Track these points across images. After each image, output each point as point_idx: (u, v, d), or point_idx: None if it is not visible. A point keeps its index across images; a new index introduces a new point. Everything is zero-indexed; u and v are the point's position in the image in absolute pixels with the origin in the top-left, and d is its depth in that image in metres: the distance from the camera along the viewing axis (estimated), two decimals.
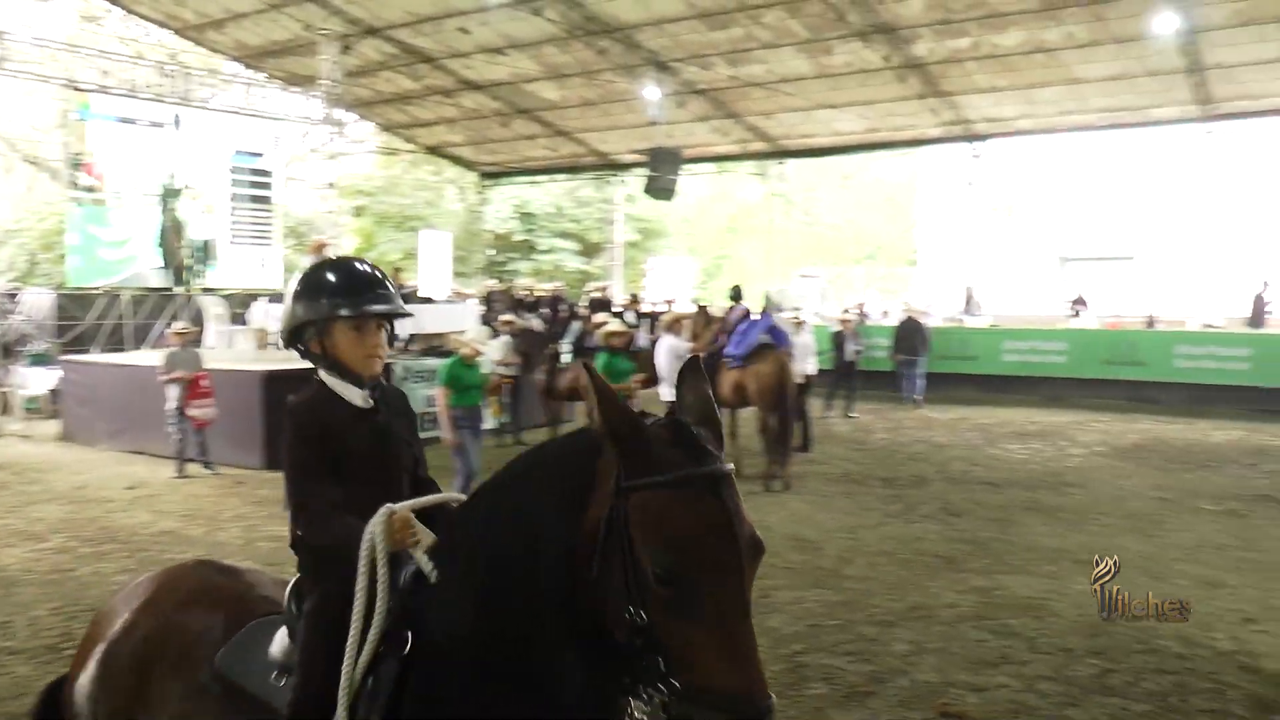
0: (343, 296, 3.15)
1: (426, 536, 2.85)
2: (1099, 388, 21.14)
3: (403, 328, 17.82)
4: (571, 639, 2.49)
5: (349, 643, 2.79)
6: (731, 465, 2.41)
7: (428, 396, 14.18)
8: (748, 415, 13.84)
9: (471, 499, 2.89)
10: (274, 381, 13.98)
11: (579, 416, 15.89)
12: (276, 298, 19.23)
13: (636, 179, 28.33)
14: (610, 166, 31.15)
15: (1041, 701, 6.08)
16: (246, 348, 17.36)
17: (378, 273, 3.30)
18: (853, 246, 38.31)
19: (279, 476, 12.89)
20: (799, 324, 16.25)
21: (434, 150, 31.89)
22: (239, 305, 21.13)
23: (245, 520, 11.18)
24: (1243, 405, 19.49)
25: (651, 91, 23.09)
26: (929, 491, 12.61)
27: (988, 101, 24.09)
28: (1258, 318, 22.51)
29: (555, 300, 24.29)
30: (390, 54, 23.62)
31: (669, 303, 24.87)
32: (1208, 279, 25.38)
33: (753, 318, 14.04)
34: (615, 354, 12.36)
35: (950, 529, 10.58)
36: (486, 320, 19.70)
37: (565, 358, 16.66)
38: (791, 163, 29.57)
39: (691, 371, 2.61)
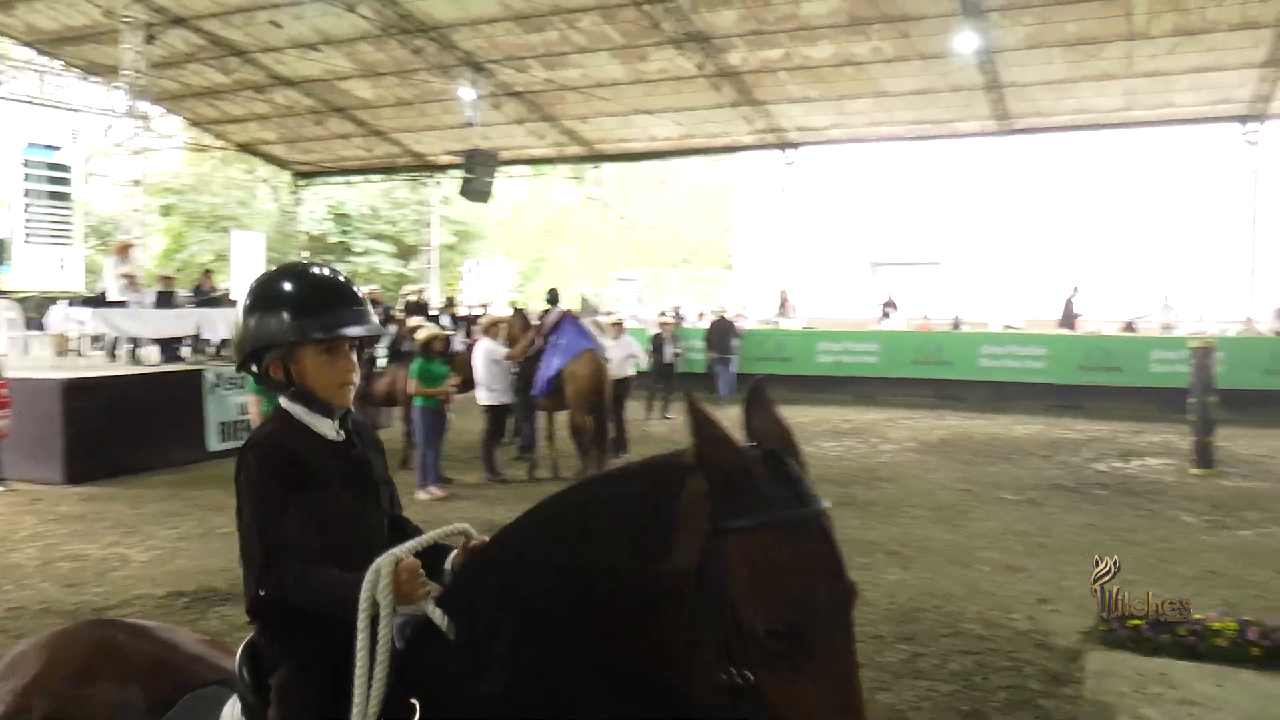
0: (312, 315, 2.69)
1: (433, 585, 2.45)
2: (908, 386, 21.98)
3: (213, 331, 17.28)
4: (628, 706, 2.15)
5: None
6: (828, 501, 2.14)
7: (240, 404, 13.78)
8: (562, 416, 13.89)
9: (502, 538, 2.44)
10: (75, 391, 13.35)
11: (396, 421, 15.66)
12: (78, 300, 18.39)
13: (453, 181, 28.22)
14: (426, 168, 30.93)
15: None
16: (44, 354, 16.52)
17: (348, 283, 2.85)
18: (669, 250, 38.80)
19: (83, 491, 12.45)
20: (617, 327, 16.35)
21: (246, 148, 31.02)
22: (35, 309, 20.08)
23: (43, 539, 10.51)
24: (1040, 401, 20.59)
25: (467, 92, 22.99)
26: None
27: (800, 111, 24.84)
28: (1068, 319, 23.83)
29: (370, 303, 23.81)
30: (198, 45, 22.82)
31: (485, 306, 24.75)
32: (1009, 283, 26.64)
33: (566, 322, 13.95)
34: (431, 358, 12.26)
35: None
36: None
37: (381, 362, 16.40)
38: (608, 167, 29.89)
39: (761, 396, 2.32)
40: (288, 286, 2.76)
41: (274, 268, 2.98)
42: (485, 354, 13.29)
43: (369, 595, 2.35)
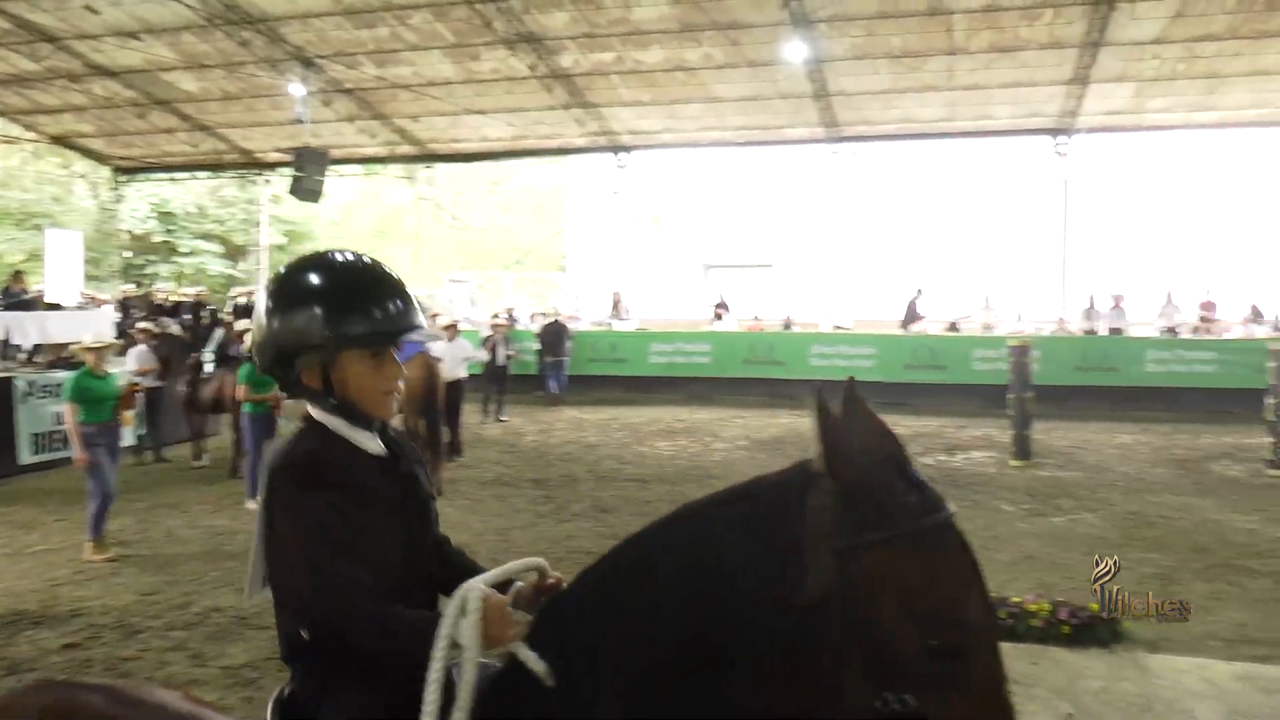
0: (359, 314, 2.36)
1: (521, 624, 2.20)
2: (741, 386, 22.37)
3: (24, 336, 16.43)
4: None
5: None
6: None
7: (56, 413, 13.12)
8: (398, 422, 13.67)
9: (599, 574, 2.18)
10: None
11: (224, 429, 15.19)
12: None
13: (282, 179, 27.39)
14: (255, 165, 29.96)
15: None
16: None
17: (395, 275, 2.50)
18: (502, 252, 38.53)
19: None
20: (450, 329, 16.18)
21: (60, 140, 29.38)
22: None
23: None
24: (869, 398, 20.54)
25: (297, 89, 22.39)
26: (580, 490, 12.90)
27: (632, 114, 25.00)
28: (911, 320, 24.66)
29: (197, 306, 23.08)
30: (4, 29, 21.50)
31: None
32: (839, 285, 27.33)
33: None
34: None
35: (601, 526, 10.84)
36: (122, 328, 18.49)
37: (208, 367, 15.89)
38: (440, 167, 29.51)
39: (854, 396, 2.11)
40: (328, 280, 2.42)
41: (305, 256, 2.56)
42: None
43: (448, 635, 2.07)
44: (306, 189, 23.95)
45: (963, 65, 21.54)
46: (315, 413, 2.41)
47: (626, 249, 29.11)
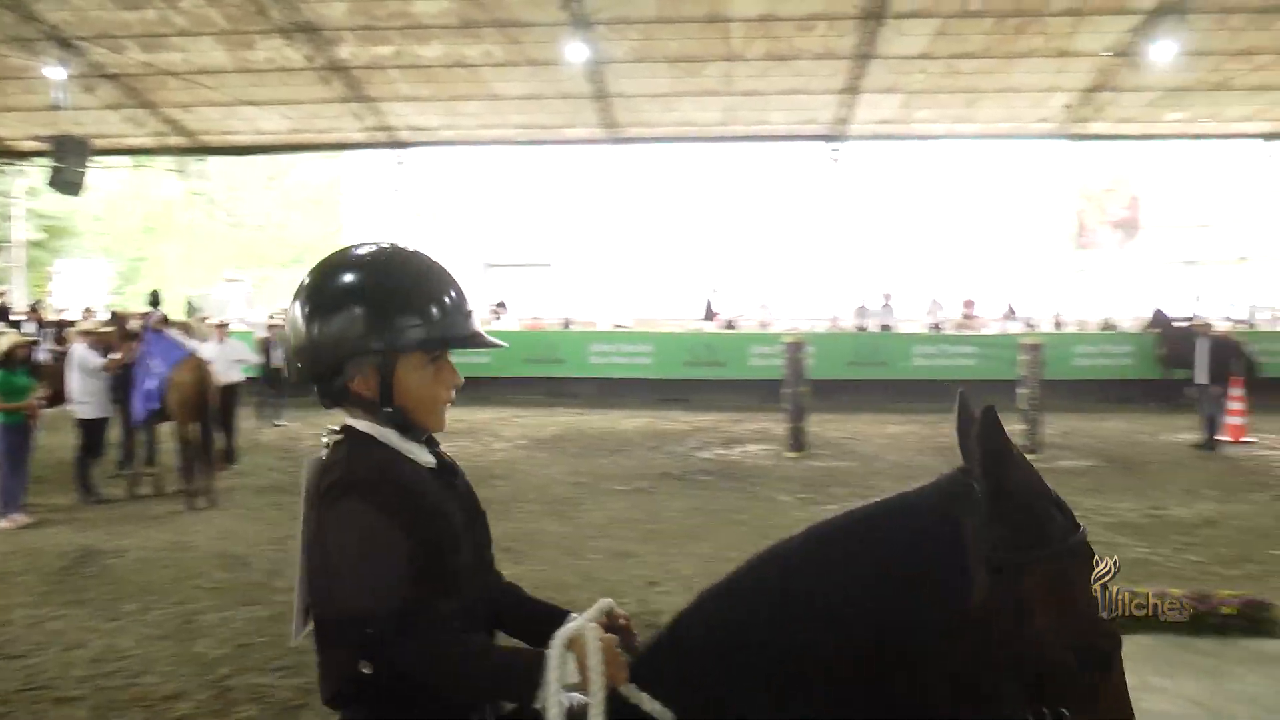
0: (423, 316, 2.14)
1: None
2: (521, 385, 22.27)
3: None
4: None
5: None
6: None
7: None
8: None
9: (724, 595, 2.09)
10: None
11: None
12: None
13: (39, 170, 25.74)
14: (7, 154, 28.03)
15: None
16: None
17: (452, 274, 2.27)
18: (278, 250, 37.39)
19: None
20: (220, 330, 15.53)
21: None
22: None
23: None
24: (647, 395, 21.52)
25: (55, 71, 21.00)
26: None
27: (411, 110, 24.65)
28: (709, 317, 25.30)
29: None
30: None
31: (89, 312, 22.73)
32: (618, 284, 27.60)
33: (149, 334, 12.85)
34: (13, 369, 11.02)
35: None
36: None
37: None
38: (213, 160, 28.41)
39: (967, 407, 2.07)
40: (384, 278, 2.19)
41: (346, 251, 2.29)
42: (80, 363, 12.16)
43: (558, 678, 1.92)
44: (66, 181, 22.63)
45: (740, 71, 22.13)
46: (361, 424, 2.18)
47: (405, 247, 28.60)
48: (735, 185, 30.48)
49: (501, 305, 26.33)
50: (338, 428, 2.21)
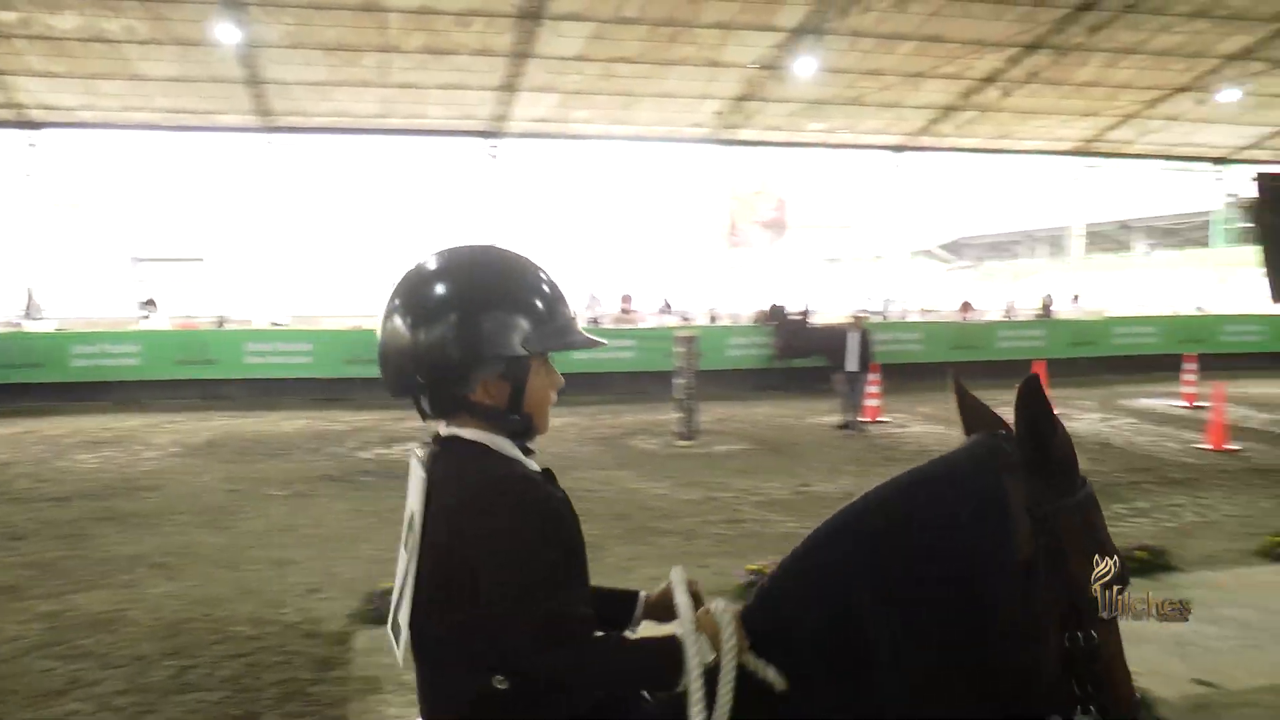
0: (553, 319, 2.18)
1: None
2: (173, 388, 21.08)
3: None
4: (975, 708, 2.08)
5: None
6: None
7: None
8: None
9: (800, 563, 2.23)
10: None
11: None
12: None
13: None
14: None
15: (117, 718, 5.88)
16: None
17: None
18: None
19: None
20: None
21: None
22: None
23: None
24: (307, 395, 20.88)
25: None
26: None
27: (43, 86, 22.84)
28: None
29: None
30: None
31: None
32: (275, 280, 26.67)
33: None
34: None
35: (13, 554, 9.70)
36: None
37: None
38: None
39: (959, 383, 2.37)
40: (522, 281, 2.20)
41: (456, 253, 2.26)
42: None
43: (699, 662, 2.00)
44: None
45: (398, 63, 21.89)
46: (472, 433, 2.15)
47: (41, 239, 26.55)
48: (394, 179, 30.20)
49: (151, 303, 24.78)
50: (435, 438, 2.23)
